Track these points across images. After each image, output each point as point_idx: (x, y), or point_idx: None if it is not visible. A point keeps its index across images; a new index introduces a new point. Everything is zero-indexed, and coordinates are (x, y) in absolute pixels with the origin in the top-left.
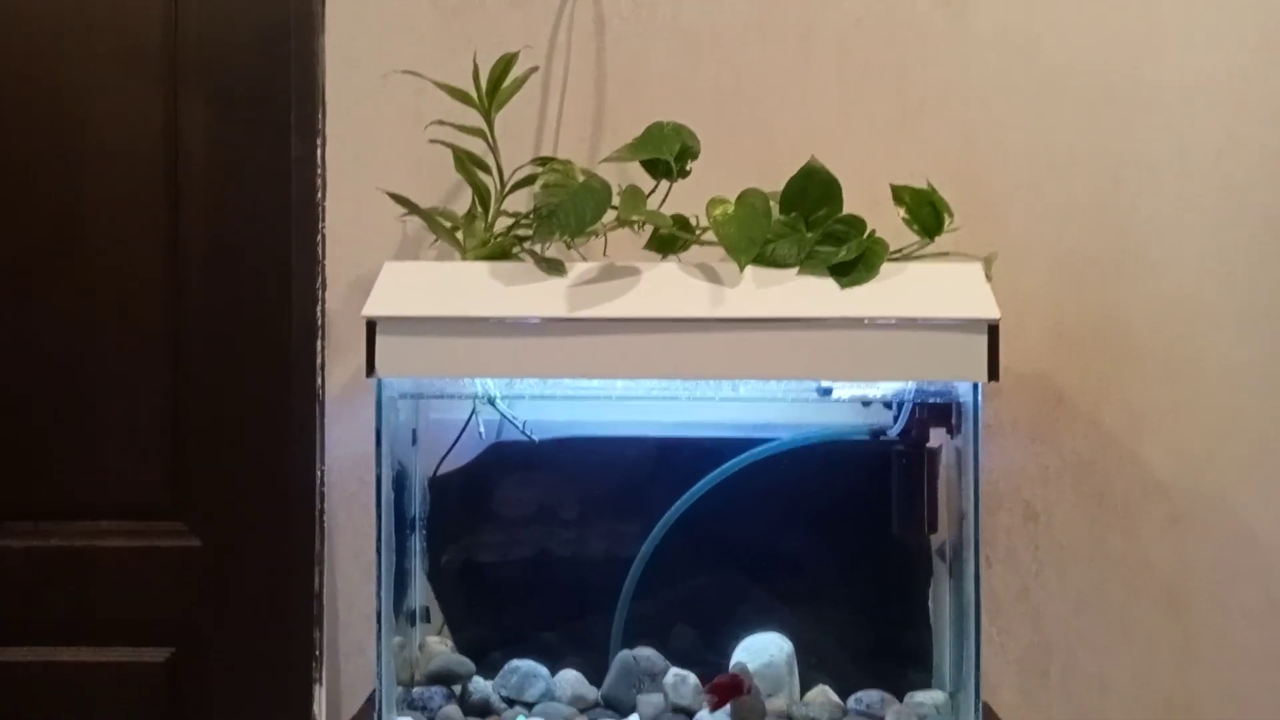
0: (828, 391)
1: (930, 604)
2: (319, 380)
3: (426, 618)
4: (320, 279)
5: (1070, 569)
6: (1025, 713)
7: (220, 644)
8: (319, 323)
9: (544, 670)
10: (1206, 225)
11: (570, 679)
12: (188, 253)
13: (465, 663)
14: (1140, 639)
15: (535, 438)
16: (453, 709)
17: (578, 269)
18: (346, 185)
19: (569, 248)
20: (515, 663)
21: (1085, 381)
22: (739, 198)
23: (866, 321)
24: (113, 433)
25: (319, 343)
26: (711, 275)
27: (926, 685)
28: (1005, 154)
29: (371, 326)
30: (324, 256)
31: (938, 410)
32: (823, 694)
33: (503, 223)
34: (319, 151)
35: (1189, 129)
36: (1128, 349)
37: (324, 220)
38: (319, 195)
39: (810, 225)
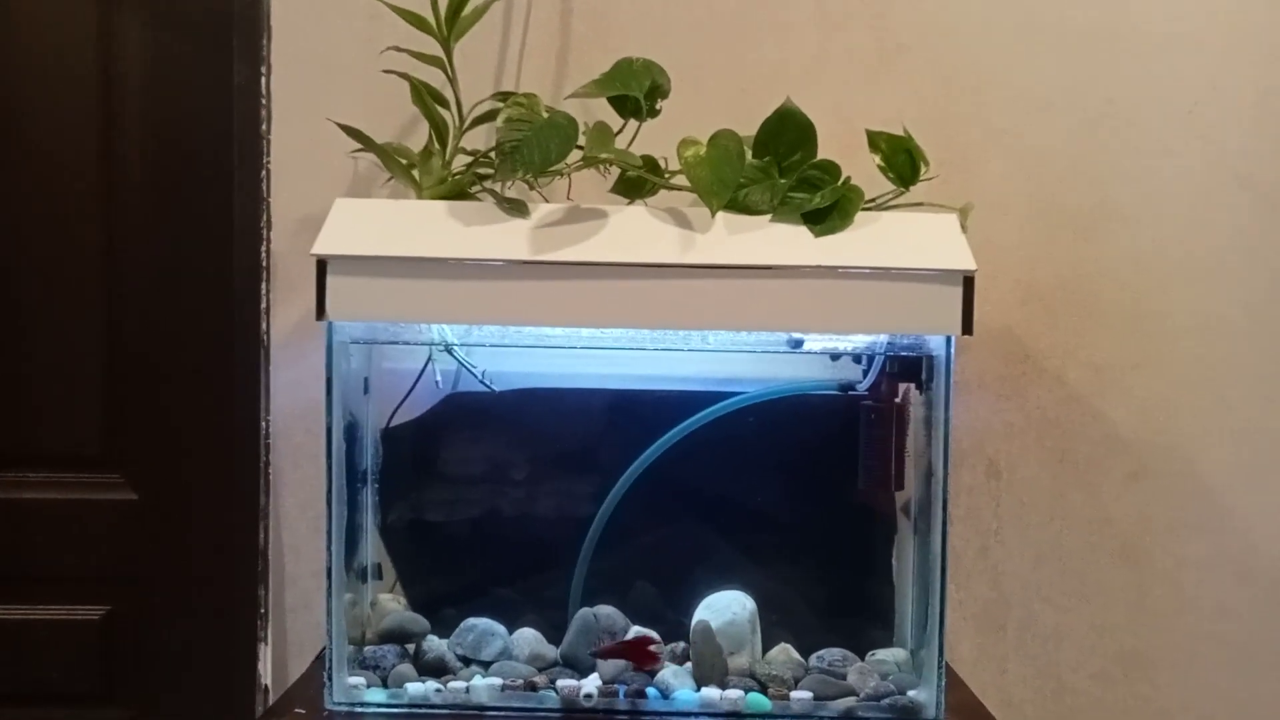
0: (799, 343)
1: (894, 561)
2: (264, 324)
3: (378, 574)
4: (265, 216)
5: (1030, 525)
6: (981, 667)
7: (159, 602)
8: (264, 263)
9: (501, 628)
10: (1179, 179)
11: (528, 637)
12: (123, 186)
13: (419, 620)
14: (1096, 593)
15: (495, 388)
16: (406, 668)
17: (541, 210)
18: (293, 116)
19: (531, 188)
20: (471, 621)
21: (1053, 337)
22: (711, 139)
23: (840, 271)
24: (43, 379)
25: (264, 284)
26: (681, 220)
27: (888, 643)
28: (983, 99)
29: (322, 266)
30: (269, 192)
31: (908, 365)
32: (784, 652)
33: (461, 160)
34: (264, 79)
35: (1166, 80)
36: (1096, 305)
37: (269, 153)
38: (264, 126)
39: (784, 170)
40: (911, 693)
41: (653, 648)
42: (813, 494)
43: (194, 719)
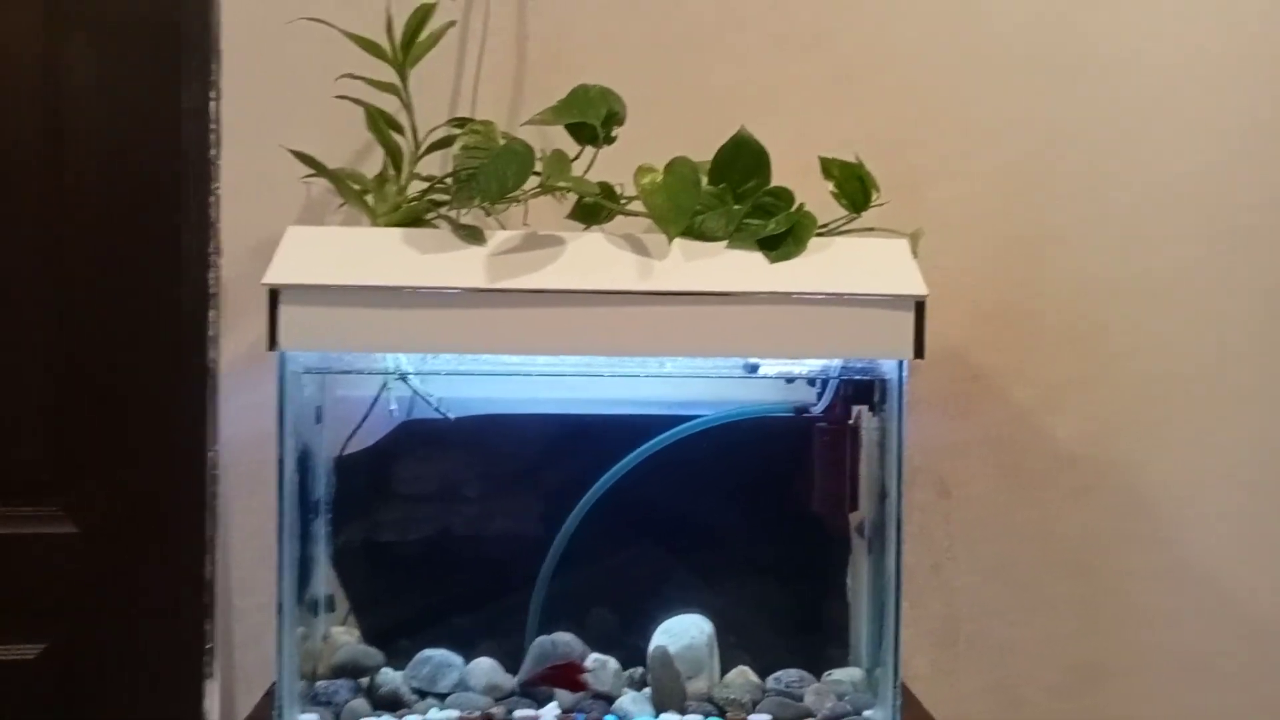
0: (755, 368)
1: (849, 581)
2: (211, 353)
3: (331, 606)
4: (214, 242)
5: (981, 542)
6: (935, 682)
7: (100, 639)
8: (212, 289)
9: (457, 659)
10: (1119, 203)
11: (485, 667)
12: (69, 209)
13: (373, 653)
14: (1046, 606)
15: (451, 415)
16: (360, 703)
17: (498, 237)
18: (244, 141)
19: (488, 215)
20: (427, 652)
21: (1000, 358)
22: (668, 166)
23: (795, 297)
24: None
25: (212, 312)
26: (638, 247)
27: (844, 662)
28: (930, 127)
29: (274, 295)
30: (218, 219)
31: (862, 387)
32: (742, 675)
33: (416, 187)
34: (213, 103)
35: (1106, 106)
36: (1041, 326)
37: (218, 178)
38: (213, 151)
39: (738, 197)
40: (868, 712)
41: (583, 676)
42: (768, 516)
43: None
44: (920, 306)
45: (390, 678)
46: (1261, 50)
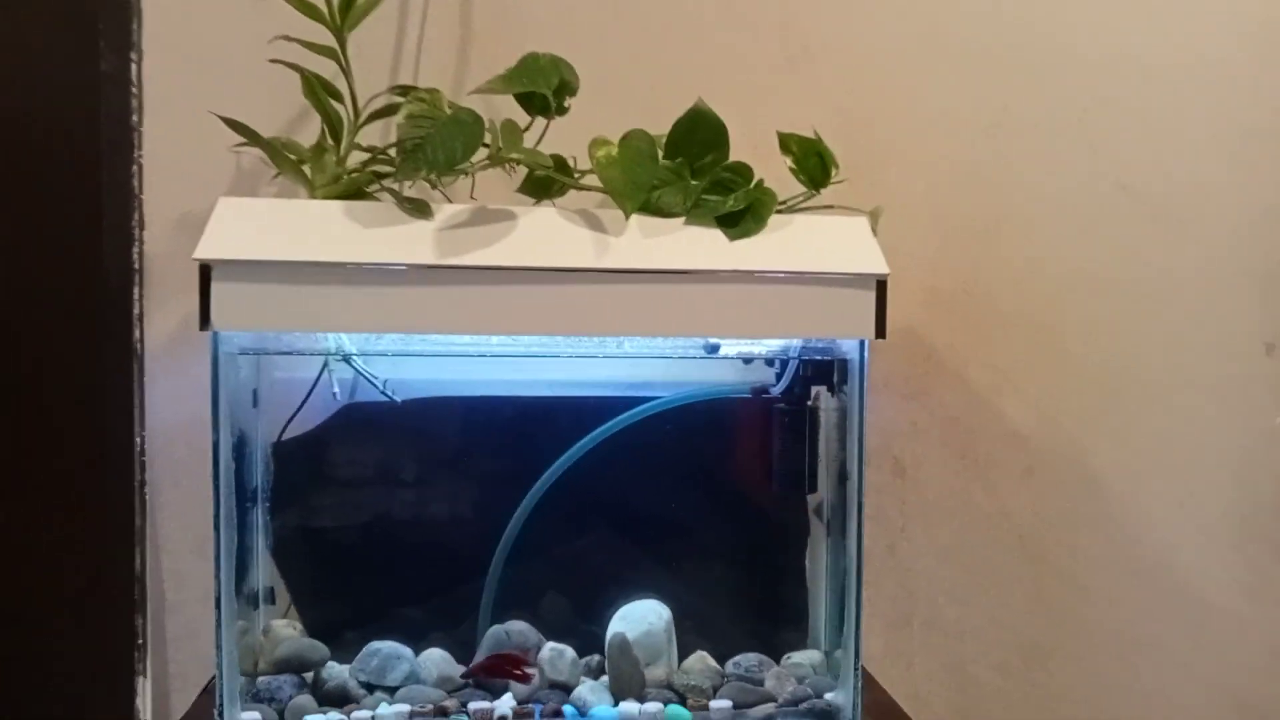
0: (715, 348)
1: (807, 563)
2: (136, 333)
3: (271, 599)
4: (137, 216)
5: (935, 522)
6: (889, 663)
7: (19, 635)
8: (136, 265)
9: (407, 651)
10: (1068, 187)
11: (436, 659)
12: None
13: (318, 647)
14: (996, 586)
15: (398, 398)
16: (305, 699)
17: (446, 211)
18: (168, 108)
19: (433, 187)
20: (375, 644)
21: (954, 340)
22: (623, 139)
23: (756, 275)
24: None
25: (136, 289)
26: (594, 223)
27: (802, 645)
28: (885, 107)
29: (205, 271)
30: (141, 190)
31: (821, 368)
32: (701, 660)
33: (356, 158)
34: (134, 67)
35: (1056, 91)
36: (994, 308)
37: (140, 148)
38: (135, 118)
39: (696, 172)
40: (829, 695)
41: (526, 669)
42: (726, 499)
43: None
44: (882, 286)
45: (336, 672)
46: (1214, 36)
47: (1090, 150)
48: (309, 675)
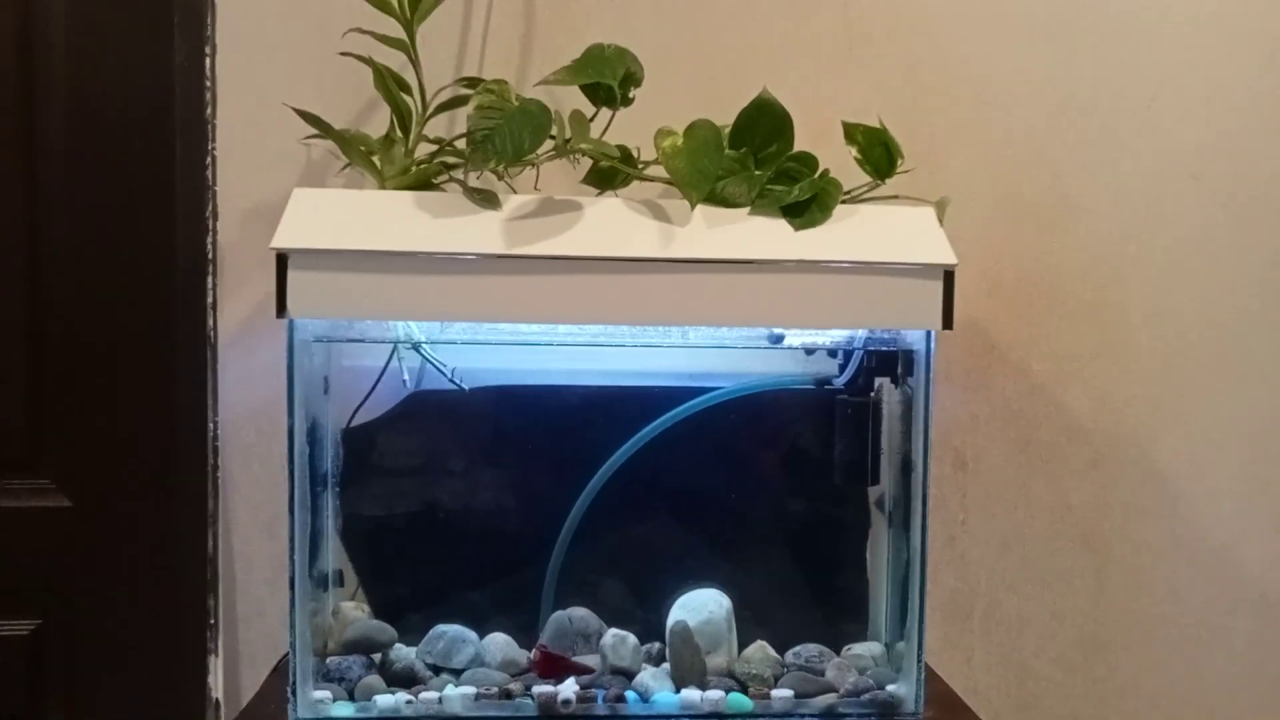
0: (780, 339)
1: (868, 555)
2: (210, 321)
3: (340, 581)
4: (211, 206)
5: (995, 515)
6: (947, 656)
7: (96, 614)
8: (209, 255)
9: (472, 635)
10: (1135, 173)
11: (500, 643)
12: (47, 171)
13: (385, 629)
14: (1057, 579)
15: (465, 386)
16: (374, 679)
17: (514, 202)
18: (240, 100)
19: (499, 178)
20: (441, 627)
21: (1016, 329)
22: (688, 129)
23: (822, 265)
24: None
25: (210, 278)
26: (659, 213)
27: (861, 637)
28: (946, 92)
29: (282, 260)
30: (215, 180)
31: (885, 359)
32: (762, 650)
33: (424, 149)
34: (208, 60)
35: (1123, 75)
36: (1058, 296)
37: (214, 138)
38: (208, 110)
39: (760, 162)
40: (890, 687)
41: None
42: (786, 489)
43: None
44: (949, 276)
45: (404, 654)
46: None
47: (1158, 137)
48: (376, 656)
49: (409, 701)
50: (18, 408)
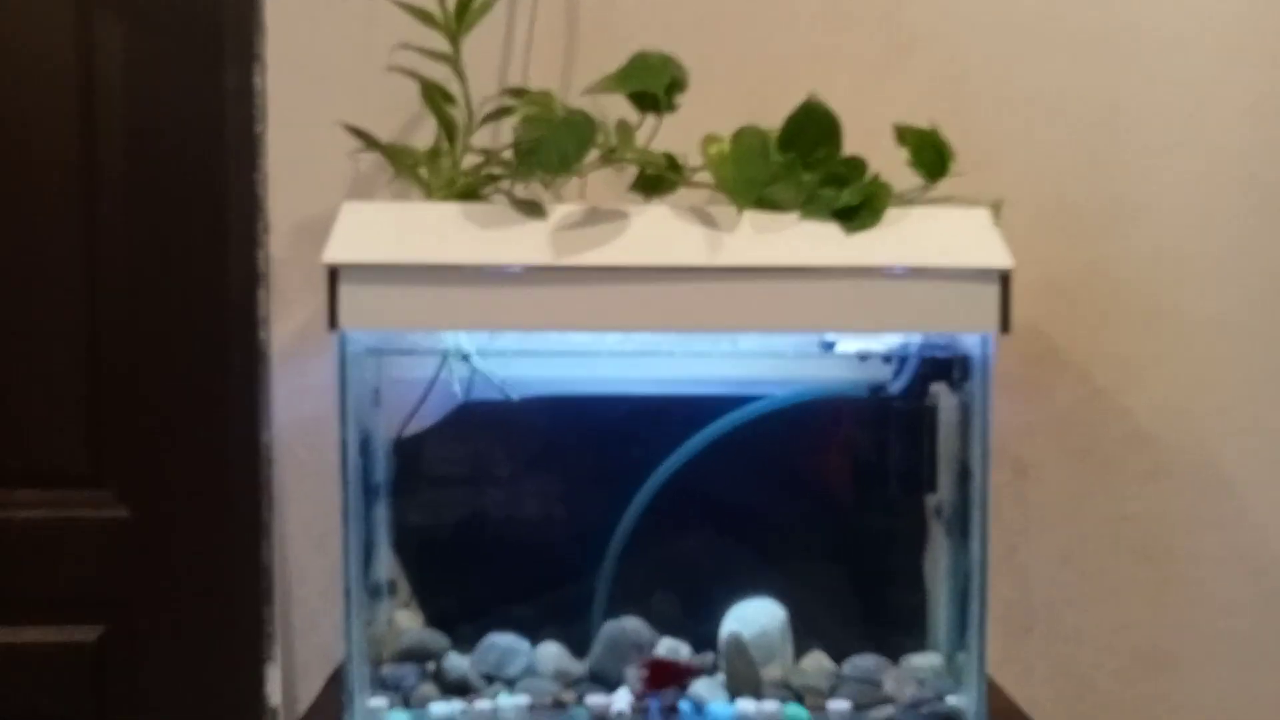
0: (831, 345)
1: (925, 565)
2: (262, 334)
3: (393, 591)
4: (262, 221)
5: (1055, 525)
6: (1006, 669)
7: (157, 622)
8: (261, 270)
9: (525, 644)
10: (1189, 174)
11: (552, 653)
12: (106, 191)
13: (439, 638)
14: (1117, 591)
15: (514, 396)
16: (429, 688)
17: (560, 212)
18: (289, 117)
19: (545, 188)
20: (493, 637)
21: (1074, 333)
22: (735, 136)
23: (875, 270)
24: (23, 392)
25: (261, 292)
26: (706, 220)
27: (918, 648)
28: (997, 96)
29: (333, 274)
30: (265, 197)
31: (941, 365)
32: (817, 660)
33: (469, 160)
34: (258, 79)
35: (1172, 78)
36: (1116, 300)
37: (265, 156)
38: (259, 128)
39: (808, 166)
40: (951, 698)
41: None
42: (841, 498)
43: None
44: (1006, 279)
45: (457, 663)
46: None
47: (1208, 139)
48: (430, 665)
49: (463, 710)
50: (79, 423)
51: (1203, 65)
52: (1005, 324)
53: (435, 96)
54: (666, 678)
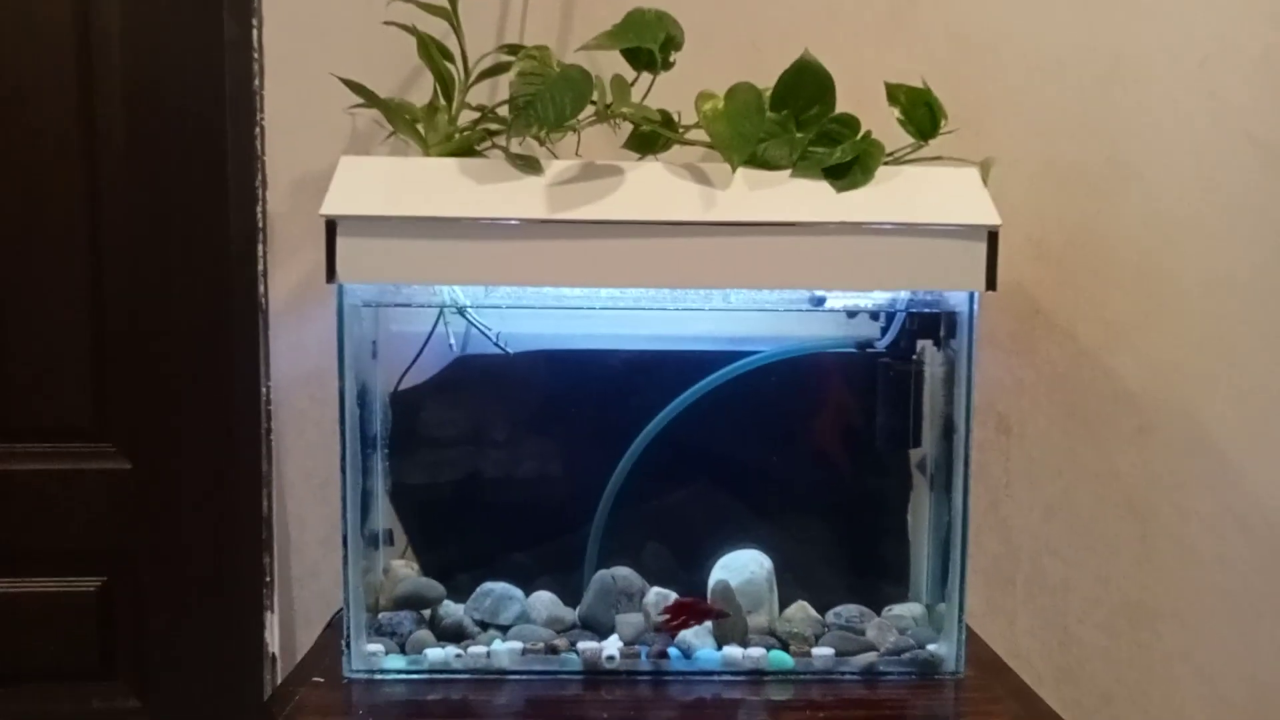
0: (821, 301)
1: (909, 518)
2: (261, 288)
3: (390, 540)
4: (260, 176)
5: (1040, 480)
6: (990, 619)
7: (157, 572)
8: (259, 224)
9: (518, 592)
10: (1188, 136)
11: (545, 600)
12: (105, 146)
13: (435, 586)
14: (1103, 545)
15: (509, 350)
16: (424, 634)
17: (555, 167)
18: (287, 72)
19: (541, 144)
20: (488, 585)
21: (1063, 293)
22: (729, 92)
23: (865, 227)
24: (27, 347)
25: (260, 246)
26: (700, 176)
27: (902, 599)
28: (994, 56)
29: (331, 226)
30: (263, 151)
31: (927, 321)
32: (802, 609)
33: (466, 116)
34: (255, 33)
35: (1174, 36)
36: (1106, 261)
37: (262, 110)
38: (256, 82)
39: (801, 124)
40: (931, 646)
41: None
42: (828, 452)
43: (199, 690)
44: (993, 237)
45: (452, 610)
46: None
47: (1211, 98)
48: (426, 612)
49: (458, 655)
50: (82, 376)
51: (1203, 24)
52: (992, 282)
53: (431, 50)
54: (694, 615)
